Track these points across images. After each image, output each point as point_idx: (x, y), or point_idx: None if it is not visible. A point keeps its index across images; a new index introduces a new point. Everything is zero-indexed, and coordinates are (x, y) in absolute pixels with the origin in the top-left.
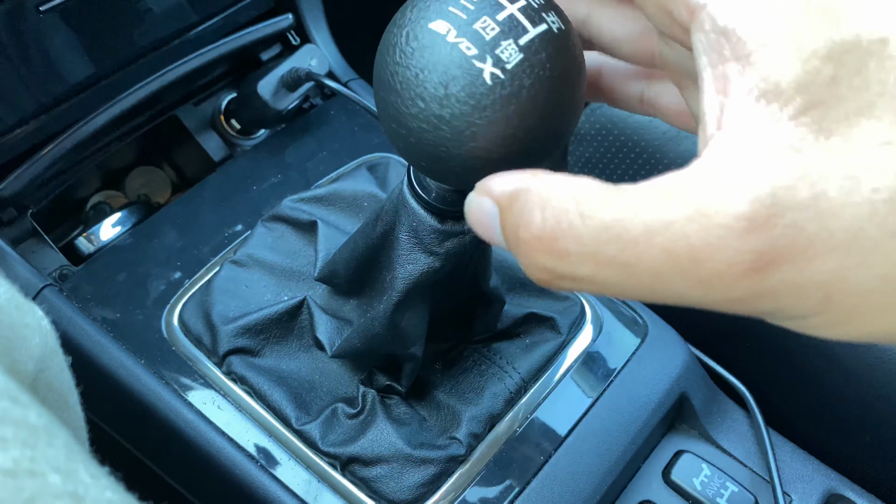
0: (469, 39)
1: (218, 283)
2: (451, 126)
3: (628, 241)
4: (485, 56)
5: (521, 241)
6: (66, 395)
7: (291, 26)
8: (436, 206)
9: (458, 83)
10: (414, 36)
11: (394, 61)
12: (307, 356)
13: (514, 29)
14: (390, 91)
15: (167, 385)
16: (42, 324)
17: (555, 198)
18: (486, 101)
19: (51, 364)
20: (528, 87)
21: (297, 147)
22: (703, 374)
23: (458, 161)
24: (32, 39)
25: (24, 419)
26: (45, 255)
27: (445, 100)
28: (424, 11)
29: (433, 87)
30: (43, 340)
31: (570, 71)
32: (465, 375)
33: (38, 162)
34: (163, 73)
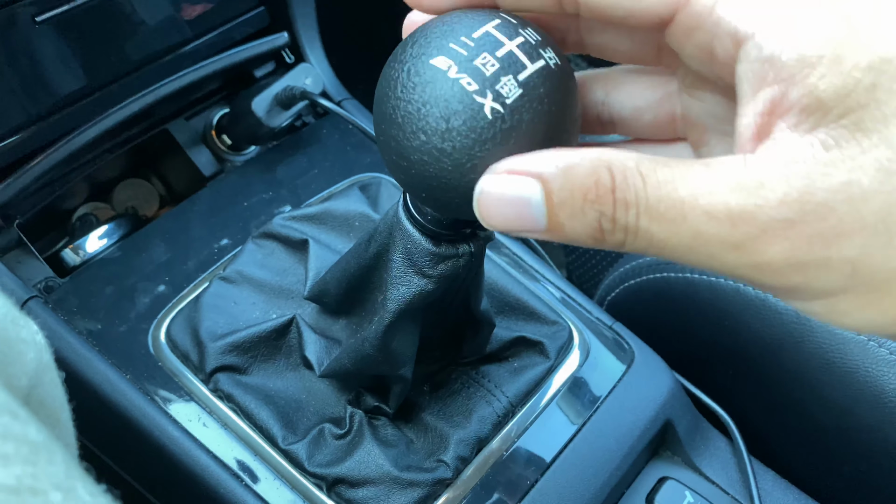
0: (470, 75)
1: (206, 299)
2: (452, 158)
3: (676, 200)
4: (485, 91)
5: (587, 202)
6: (57, 412)
7: (286, 44)
8: (431, 229)
9: (459, 117)
10: (415, 71)
11: (395, 95)
12: (295, 375)
13: (513, 65)
14: (392, 124)
15: (152, 401)
16: (36, 338)
17: (617, 160)
18: (486, 134)
19: (44, 379)
20: (527, 121)
21: (288, 164)
22: (687, 402)
23: (458, 192)
24: (27, 49)
25: (25, 435)
26: (30, 266)
27: (447, 133)
28: (425, 48)
29: (435, 121)
30: (37, 355)
31: (567, 105)
32: (453, 398)
33: (27, 173)
34: (156, 88)
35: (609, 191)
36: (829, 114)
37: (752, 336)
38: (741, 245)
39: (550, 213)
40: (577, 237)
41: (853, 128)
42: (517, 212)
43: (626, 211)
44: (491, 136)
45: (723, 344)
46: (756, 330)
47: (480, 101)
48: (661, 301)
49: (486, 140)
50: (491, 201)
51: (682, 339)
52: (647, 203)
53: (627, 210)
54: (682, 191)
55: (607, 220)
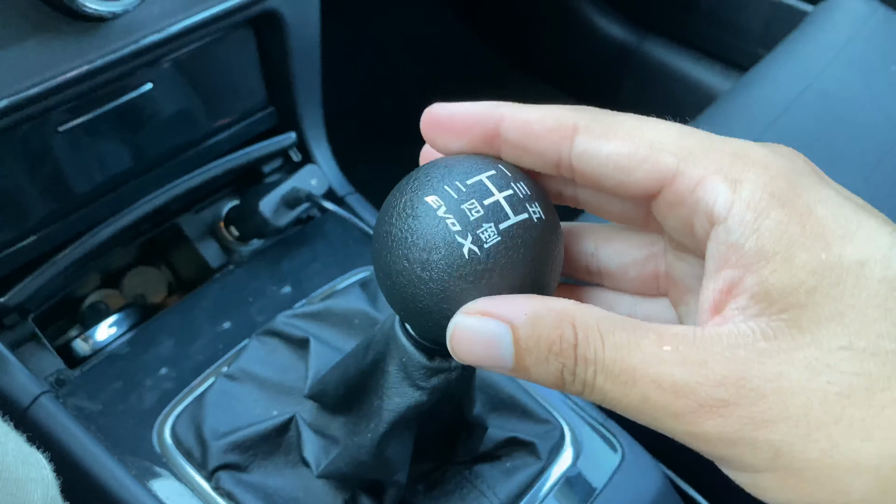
0: (455, 217)
1: (210, 397)
2: (428, 287)
3: (629, 366)
4: (466, 234)
5: (551, 353)
6: None
7: (294, 144)
8: (424, 344)
9: (439, 252)
10: (410, 204)
11: (390, 222)
12: (293, 473)
13: (496, 214)
14: (383, 245)
15: (156, 498)
16: (44, 474)
17: (581, 317)
18: (462, 271)
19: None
20: (501, 266)
21: (292, 258)
22: (676, 499)
23: (432, 317)
24: (47, 155)
25: None
26: (42, 358)
27: (426, 264)
28: (424, 184)
29: (418, 251)
30: (45, 492)
31: (544, 254)
32: (447, 499)
33: (45, 272)
34: (170, 188)
35: (571, 346)
36: (773, 306)
37: None
38: (681, 415)
39: (518, 356)
40: (542, 381)
41: (791, 323)
42: (486, 351)
43: (585, 367)
44: (466, 273)
45: None
46: None
47: (460, 241)
48: None
49: (461, 276)
50: (462, 337)
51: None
52: (603, 364)
53: (586, 367)
54: (636, 357)
55: (569, 372)
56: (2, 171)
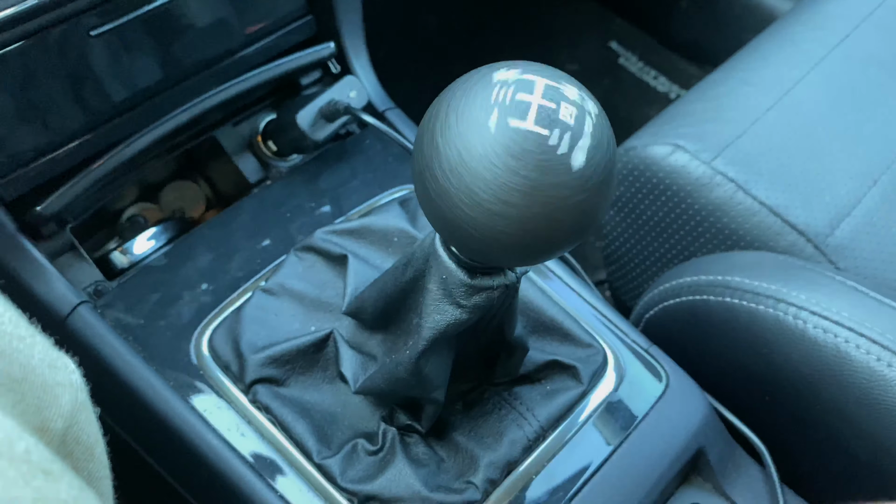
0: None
1: (248, 311)
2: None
3: None
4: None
5: None
6: (92, 447)
7: (332, 55)
8: (466, 262)
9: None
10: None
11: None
12: (331, 388)
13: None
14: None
15: (193, 409)
16: (72, 378)
17: None
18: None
19: (80, 418)
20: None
21: (331, 174)
22: (721, 429)
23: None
24: (81, 61)
25: (57, 496)
26: (81, 269)
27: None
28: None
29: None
30: (73, 397)
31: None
32: (484, 419)
33: (81, 181)
34: (207, 97)
35: None
36: None
37: (791, 366)
38: None
39: None
40: None
41: None
42: None
43: None
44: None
45: (760, 371)
46: (794, 360)
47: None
48: (700, 324)
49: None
50: None
51: (719, 363)
52: None
53: None
54: None
55: None
56: (37, 75)
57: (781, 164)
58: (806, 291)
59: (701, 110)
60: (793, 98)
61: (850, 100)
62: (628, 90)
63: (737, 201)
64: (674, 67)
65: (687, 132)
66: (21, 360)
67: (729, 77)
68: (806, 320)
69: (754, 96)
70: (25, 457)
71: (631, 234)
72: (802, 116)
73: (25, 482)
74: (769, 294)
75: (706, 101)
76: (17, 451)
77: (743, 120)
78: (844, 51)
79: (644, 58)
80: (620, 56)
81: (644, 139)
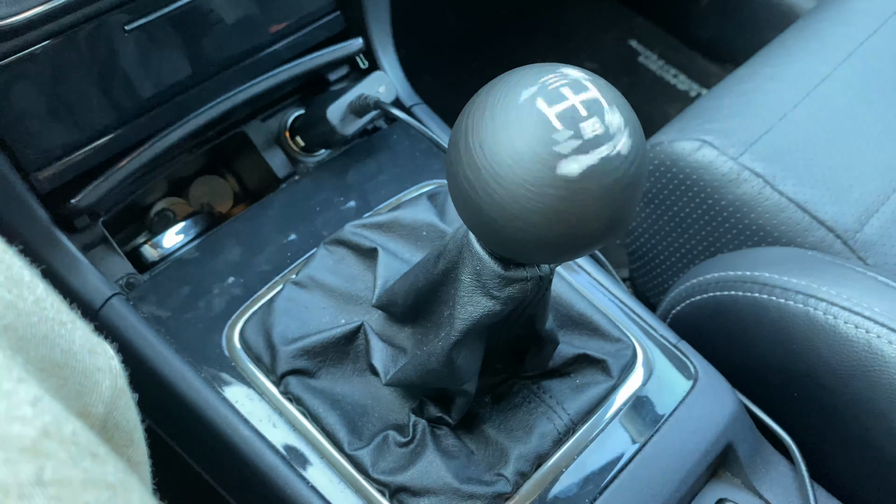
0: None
1: (279, 303)
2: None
3: None
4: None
5: None
6: (131, 432)
7: (361, 50)
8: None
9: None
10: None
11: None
12: (361, 381)
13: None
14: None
15: (225, 400)
16: (112, 364)
17: None
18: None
19: (119, 404)
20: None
21: (359, 169)
22: (750, 424)
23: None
24: (116, 56)
25: (104, 478)
26: (112, 262)
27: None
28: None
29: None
30: (112, 382)
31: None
32: (514, 412)
33: (114, 175)
34: (237, 92)
35: None
36: None
37: (821, 361)
38: None
39: None
40: None
41: None
42: None
43: None
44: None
45: (789, 367)
46: (825, 356)
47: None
48: (728, 319)
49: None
50: None
51: (748, 359)
52: None
53: None
54: None
55: None
56: (72, 71)
57: (809, 160)
58: (836, 287)
59: (727, 105)
60: (820, 94)
61: (878, 95)
62: (648, 88)
63: (764, 197)
64: (694, 66)
65: (714, 128)
66: (63, 345)
67: (755, 73)
68: (837, 315)
69: (781, 92)
70: (74, 439)
71: (656, 230)
72: (830, 112)
73: (75, 463)
74: (799, 289)
75: (732, 97)
76: (66, 432)
77: (770, 116)
78: (872, 46)
79: (664, 56)
80: (640, 54)
81: (670, 135)
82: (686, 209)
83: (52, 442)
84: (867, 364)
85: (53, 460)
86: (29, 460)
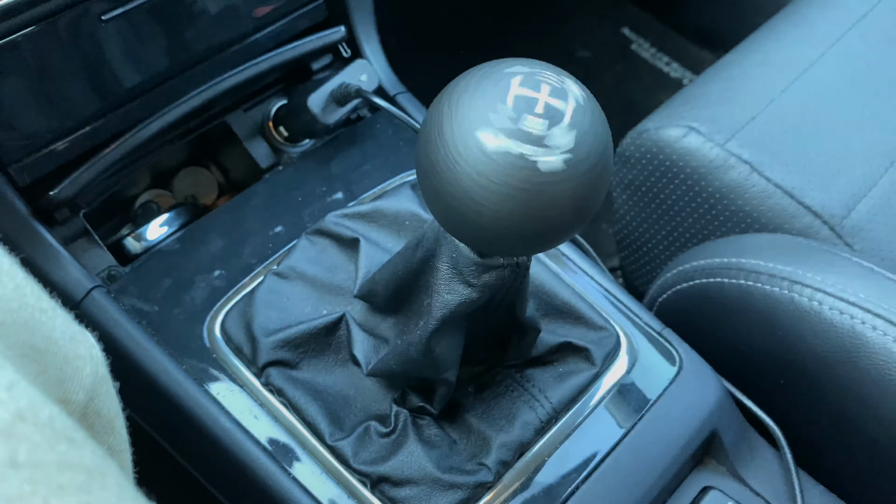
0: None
1: (260, 294)
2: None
3: None
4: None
5: None
6: (112, 420)
7: (343, 39)
8: None
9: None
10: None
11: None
12: (343, 371)
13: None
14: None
15: (206, 392)
16: (93, 353)
17: None
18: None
19: (100, 391)
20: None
21: (342, 159)
22: (735, 411)
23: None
24: (93, 46)
25: (81, 462)
26: (94, 254)
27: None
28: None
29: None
30: (93, 370)
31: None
32: (496, 401)
33: (94, 165)
34: (218, 82)
35: None
36: None
37: (806, 348)
38: None
39: None
40: None
41: None
42: None
43: None
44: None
45: (774, 354)
46: (809, 342)
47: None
48: (714, 306)
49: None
50: None
51: (733, 345)
52: None
53: None
54: None
55: None
56: (49, 60)
57: (797, 146)
58: (821, 273)
59: (715, 92)
60: (808, 79)
61: (867, 80)
62: (641, 76)
63: (751, 183)
64: (686, 53)
65: (700, 114)
66: (43, 331)
67: (743, 59)
68: (821, 301)
69: (769, 78)
70: (49, 423)
71: (644, 217)
72: (818, 97)
73: (50, 447)
74: (784, 276)
75: (720, 83)
76: (42, 417)
77: (757, 101)
78: (861, 31)
79: (656, 44)
80: (633, 42)
81: (657, 122)
82: (673, 196)
83: (27, 425)
84: (851, 350)
85: (27, 443)
86: (2, 443)
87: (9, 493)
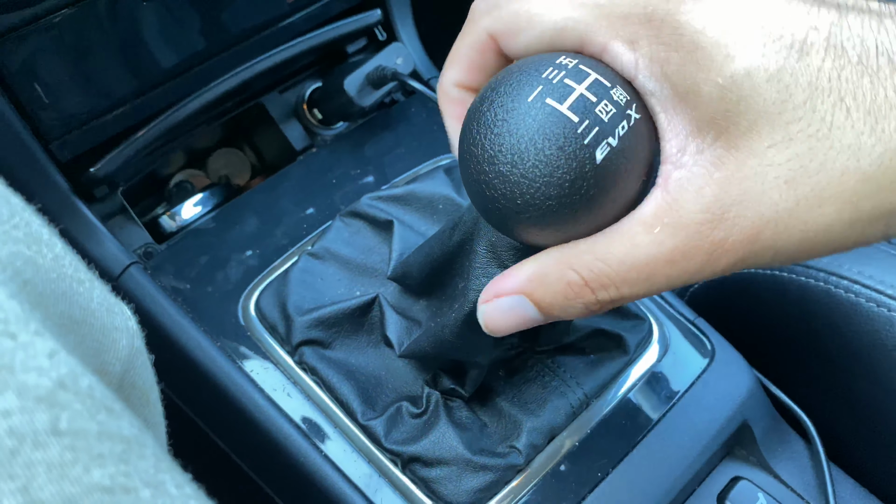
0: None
1: (295, 274)
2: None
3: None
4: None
5: (568, 299)
6: (147, 393)
7: (379, 22)
8: None
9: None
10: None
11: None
12: (375, 352)
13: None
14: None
15: (240, 369)
16: (129, 325)
17: (574, 257)
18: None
19: (136, 364)
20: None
21: (376, 142)
22: (766, 402)
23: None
24: (133, 27)
25: (119, 432)
26: (131, 231)
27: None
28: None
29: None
30: (129, 342)
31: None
32: (528, 385)
33: (132, 144)
34: (254, 63)
35: (582, 285)
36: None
37: (841, 340)
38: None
39: (543, 311)
40: (574, 316)
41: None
42: (518, 321)
43: (605, 291)
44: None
45: (808, 346)
46: (845, 334)
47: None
48: (747, 297)
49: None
50: (494, 319)
51: (766, 336)
52: (618, 277)
53: (606, 290)
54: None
55: (593, 303)
56: (90, 40)
57: None
58: (858, 264)
59: None
60: None
61: None
62: None
63: None
64: None
65: None
66: (81, 302)
67: None
68: (858, 294)
69: None
70: (89, 392)
71: None
72: None
73: (90, 416)
74: (820, 267)
75: None
76: (82, 385)
77: None
78: None
79: None
80: None
81: None
82: None
83: (68, 393)
84: (889, 343)
85: (69, 411)
86: (45, 410)
87: (51, 459)
